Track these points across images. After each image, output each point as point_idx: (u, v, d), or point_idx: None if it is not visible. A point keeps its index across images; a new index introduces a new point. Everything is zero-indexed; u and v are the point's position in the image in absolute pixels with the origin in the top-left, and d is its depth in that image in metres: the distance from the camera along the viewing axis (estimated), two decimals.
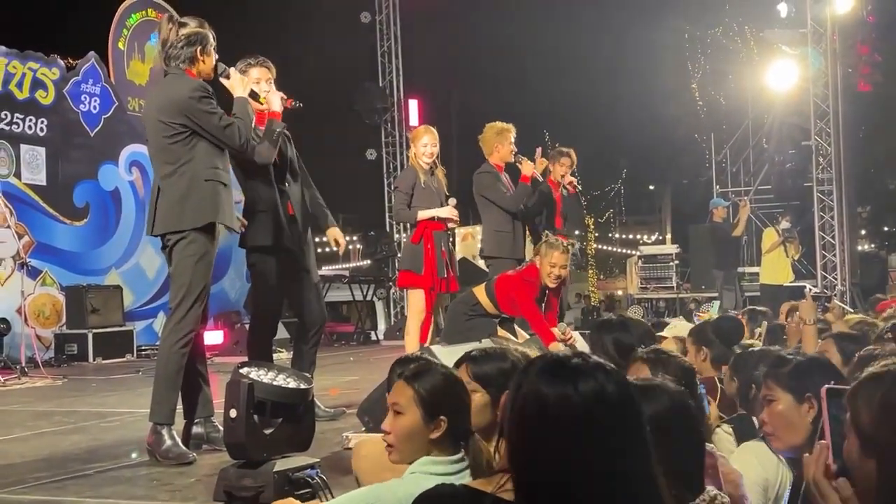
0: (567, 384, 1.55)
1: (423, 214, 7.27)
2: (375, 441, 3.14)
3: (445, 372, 2.75)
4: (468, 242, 17.99)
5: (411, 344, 7.07)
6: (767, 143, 17.33)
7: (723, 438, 3.39)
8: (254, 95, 5.42)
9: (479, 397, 2.86)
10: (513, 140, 8.13)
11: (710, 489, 2.24)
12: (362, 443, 3.69)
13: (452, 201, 7.42)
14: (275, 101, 5.56)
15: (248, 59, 5.80)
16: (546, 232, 7.38)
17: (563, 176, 9.01)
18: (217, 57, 5.26)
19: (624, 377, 1.62)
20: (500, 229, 8.03)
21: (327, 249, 27.39)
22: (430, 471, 2.58)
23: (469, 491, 1.89)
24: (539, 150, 8.71)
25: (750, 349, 4.32)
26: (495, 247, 8.09)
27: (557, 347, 6.11)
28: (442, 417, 2.61)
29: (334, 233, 6.35)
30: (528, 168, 8.06)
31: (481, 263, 8.45)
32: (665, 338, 5.42)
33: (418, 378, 2.69)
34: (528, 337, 6.73)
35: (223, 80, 5.31)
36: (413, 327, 7.25)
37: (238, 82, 5.29)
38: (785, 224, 13.97)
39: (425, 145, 7.34)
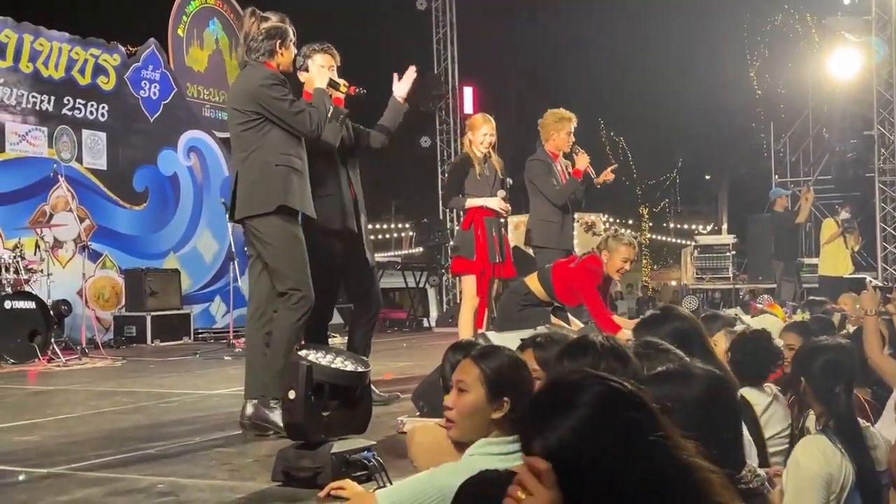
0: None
1: (472, 202, 7.25)
2: (429, 428, 3.15)
3: (512, 354, 2.75)
4: (521, 231, 17.94)
5: (464, 329, 7.06)
6: (828, 132, 17.02)
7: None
8: (334, 84, 5.48)
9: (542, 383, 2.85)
10: (572, 130, 7.97)
11: (749, 464, 2.22)
12: (417, 429, 3.71)
13: (502, 193, 7.36)
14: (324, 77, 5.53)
15: (314, 45, 5.82)
16: (614, 228, 7.32)
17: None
18: (296, 51, 5.37)
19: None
20: (548, 219, 7.89)
21: (380, 237, 27.56)
22: (488, 451, 2.58)
23: (513, 475, 1.89)
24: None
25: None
26: (543, 236, 7.98)
27: (624, 336, 6.09)
28: (505, 398, 2.61)
29: None
30: (582, 162, 7.89)
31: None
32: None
33: (486, 358, 2.69)
34: (582, 325, 6.69)
35: (301, 75, 5.46)
36: (466, 313, 7.24)
37: (316, 73, 5.40)
38: (844, 215, 13.69)
39: (484, 135, 7.31)
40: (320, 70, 5.46)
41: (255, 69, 5.20)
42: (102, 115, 13.33)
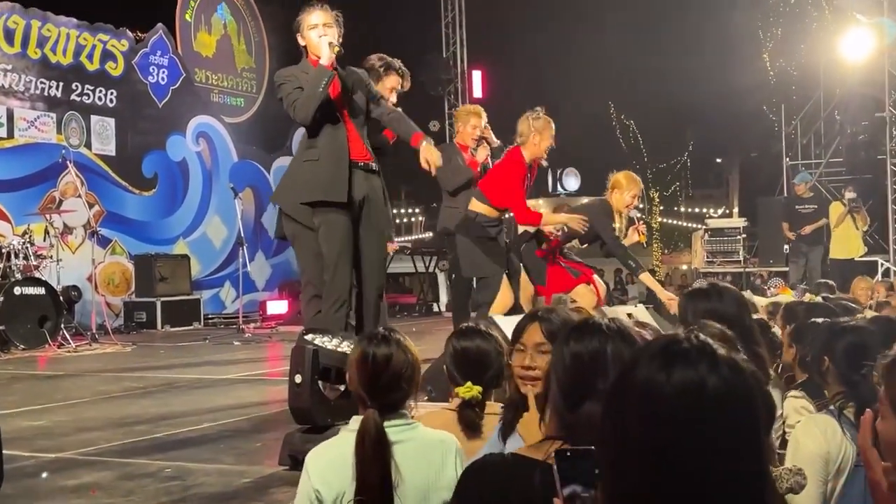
0: (689, 370, 1.32)
1: (646, 279, 7.33)
2: (440, 414, 3.13)
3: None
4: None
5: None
6: (840, 114, 16.89)
7: (793, 403, 3.33)
8: (336, 52, 5.01)
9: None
10: (479, 125, 7.35)
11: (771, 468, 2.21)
12: (428, 416, 3.69)
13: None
14: (325, 51, 5.01)
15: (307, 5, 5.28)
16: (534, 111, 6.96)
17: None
18: (319, 35, 5.03)
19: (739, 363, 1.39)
20: (450, 205, 7.40)
21: None
22: None
23: (518, 459, 1.86)
24: None
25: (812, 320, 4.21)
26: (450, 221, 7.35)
27: (550, 226, 6.66)
28: None
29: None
30: (482, 155, 7.40)
31: None
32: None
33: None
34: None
35: (299, 38, 5.13)
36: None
37: (315, 42, 5.06)
38: (849, 195, 13.56)
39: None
40: (321, 40, 4.99)
41: None
42: (111, 100, 13.33)
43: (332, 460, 2.45)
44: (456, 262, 6.93)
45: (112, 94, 13.34)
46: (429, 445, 2.45)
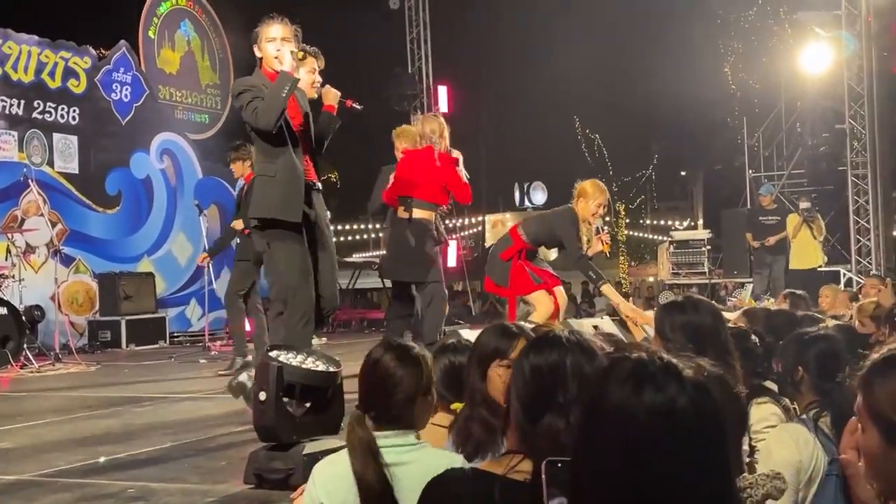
0: (659, 393, 1.36)
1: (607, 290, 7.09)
2: (429, 431, 3.12)
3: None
4: (498, 230, 17.97)
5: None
6: (801, 126, 17.11)
7: (762, 410, 3.32)
8: (298, 58, 5.01)
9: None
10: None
11: (744, 476, 2.22)
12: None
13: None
14: (286, 58, 4.93)
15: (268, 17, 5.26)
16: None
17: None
18: (276, 49, 5.07)
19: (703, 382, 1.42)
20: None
21: (358, 238, 27.48)
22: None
23: (479, 473, 1.87)
24: None
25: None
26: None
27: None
28: None
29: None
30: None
31: None
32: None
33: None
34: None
35: (256, 49, 5.14)
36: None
37: (267, 49, 5.10)
38: (804, 204, 13.73)
39: (599, 205, 6.87)
40: (280, 52, 4.97)
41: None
42: (73, 118, 13.21)
43: (336, 472, 2.44)
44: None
45: (74, 111, 13.23)
46: (433, 469, 2.18)
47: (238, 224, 8.87)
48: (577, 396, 1.82)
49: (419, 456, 2.42)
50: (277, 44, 5.05)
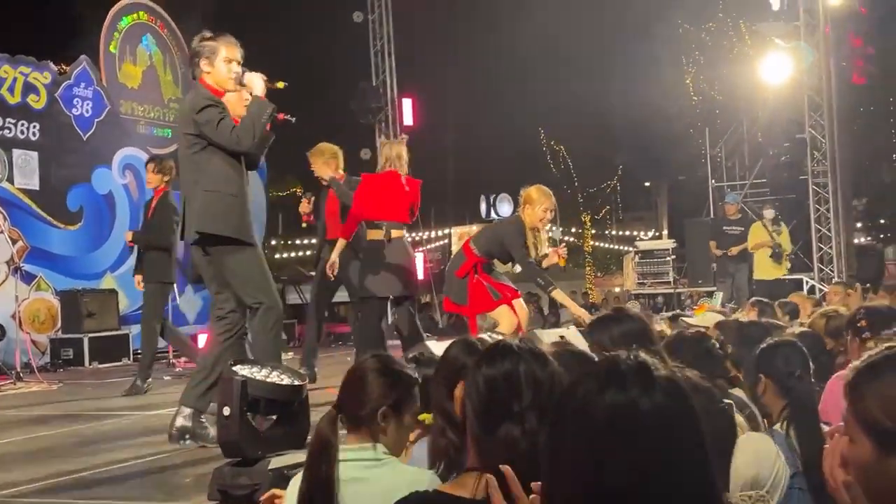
0: (621, 392, 1.35)
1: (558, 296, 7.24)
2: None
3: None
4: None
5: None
6: (762, 136, 17.31)
7: None
8: (270, 82, 5.25)
9: None
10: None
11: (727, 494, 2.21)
12: None
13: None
14: (256, 83, 5.17)
15: (207, 35, 5.36)
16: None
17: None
18: (234, 71, 5.19)
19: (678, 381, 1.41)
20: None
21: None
22: None
23: (443, 497, 1.85)
24: None
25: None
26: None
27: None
28: None
29: None
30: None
31: None
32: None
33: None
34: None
35: (205, 69, 5.21)
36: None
37: (225, 72, 5.21)
38: (768, 214, 13.87)
39: (546, 210, 6.84)
40: (257, 76, 5.19)
41: (194, 91, 5.21)
42: (34, 133, 13.05)
43: None
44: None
45: (35, 127, 13.07)
46: (394, 489, 2.11)
47: (128, 235, 8.95)
48: (531, 403, 1.82)
49: (382, 474, 2.39)
50: (234, 66, 5.18)
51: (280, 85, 5.29)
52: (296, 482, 2.51)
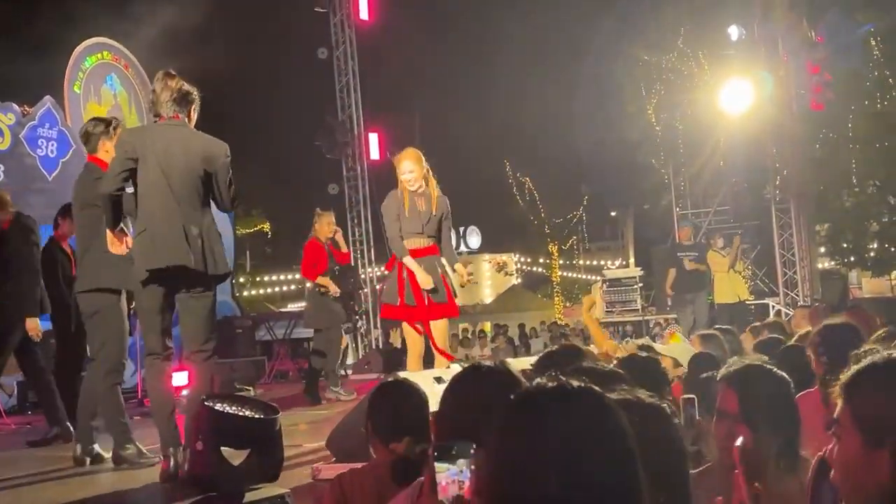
0: (537, 414, 1.44)
1: (407, 262, 6.81)
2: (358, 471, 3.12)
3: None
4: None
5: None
6: (724, 164, 17.56)
7: None
8: None
9: None
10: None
11: None
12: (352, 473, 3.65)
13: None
14: None
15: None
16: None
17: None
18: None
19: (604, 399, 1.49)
20: None
21: (294, 287, 27.21)
22: None
23: None
24: None
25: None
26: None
27: None
28: None
29: None
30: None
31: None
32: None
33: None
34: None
35: None
36: (410, 360, 6.95)
37: None
38: (719, 243, 14.00)
39: (403, 173, 6.94)
40: None
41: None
42: None
43: None
44: None
45: None
46: None
47: None
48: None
49: None
50: None
51: None
52: None
